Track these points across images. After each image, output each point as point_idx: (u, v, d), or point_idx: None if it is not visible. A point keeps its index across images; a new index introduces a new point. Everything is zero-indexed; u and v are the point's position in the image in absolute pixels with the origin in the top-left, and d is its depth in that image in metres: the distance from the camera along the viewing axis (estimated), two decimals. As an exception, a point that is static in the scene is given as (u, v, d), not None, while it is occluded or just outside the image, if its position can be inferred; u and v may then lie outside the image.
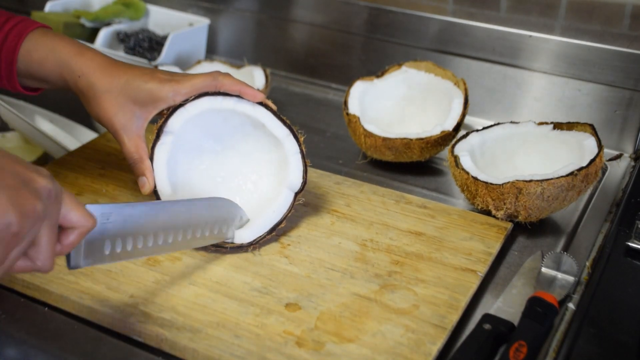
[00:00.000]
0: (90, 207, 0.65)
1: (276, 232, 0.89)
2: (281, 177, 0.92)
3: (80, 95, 0.89)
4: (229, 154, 0.96)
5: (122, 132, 0.87)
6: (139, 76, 0.87)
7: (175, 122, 0.89)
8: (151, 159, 0.89)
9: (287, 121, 0.91)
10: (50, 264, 0.61)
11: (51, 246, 0.60)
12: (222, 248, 0.87)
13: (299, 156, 0.90)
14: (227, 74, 0.90)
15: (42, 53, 0.88)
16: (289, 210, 0.89)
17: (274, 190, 0.92)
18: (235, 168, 0.96)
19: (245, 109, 0.90)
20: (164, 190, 0.89)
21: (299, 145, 0.90)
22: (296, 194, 0.90)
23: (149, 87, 0.86)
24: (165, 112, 0.89)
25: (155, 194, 0.89)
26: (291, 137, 0.90)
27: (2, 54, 0.88)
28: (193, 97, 0.89)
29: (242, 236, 0.87)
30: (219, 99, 0.90)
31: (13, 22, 0.89)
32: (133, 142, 0.87)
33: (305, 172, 0.90)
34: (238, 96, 0.90)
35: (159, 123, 0.89)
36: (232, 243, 0.87)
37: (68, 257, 0.65)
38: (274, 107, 0.91)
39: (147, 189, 0.88)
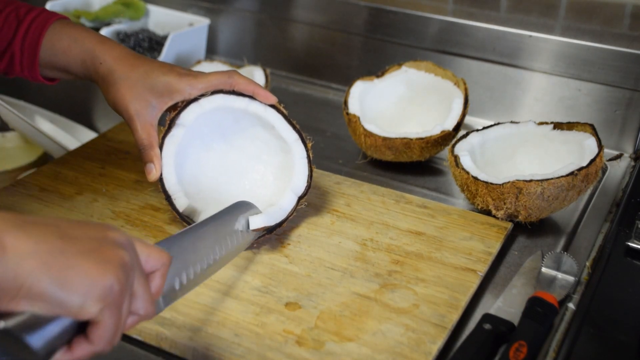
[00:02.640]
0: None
1: (276, 232, 0.89)
2: (285, 181, 0.93)
3: (100, 81, 0.90)
4: (236, 153, 0.97)
5: (135, 118, 0.88)
6: (158, 68, 0.89)
7: (188, 115, 0.90)
8: (160, 148, 0.89)
9: (297, 126, 0.92)
10: (153, 309, 0.59)
11: (148, 292, 0.58)
12: None
13: (306, 161, 0.91)
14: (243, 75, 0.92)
15: (65, 42, 0.90)
16: (291, 213, 0.90)
17: (278, 193, 0.93)
18: (241, 168, 0.96)
19: (257, 110, 0.92)
20: (170, 179, 0.89)
21: (307, 150, 0.92)
22: (299, 197, 0.90)
23: (167, 79, 0.88)
24: (179, 105, 0.90)
25: (160, 182, 0.89)
26: (300, 141, 0.91)
27: (26, 43, 0.90)
28: (208, 93, 0.90)
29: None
30: (232, 97, 0.91)
31: (34, 13, 0.91)
32: (145, 129, 0.88)
33: (310, 177, 0.91)
34: (251, 97, 0.91)
35: (171, 114, 0.90)
36: None
37: None
38: (284, 111, 0.92)
39: (153, 175, 0.89)
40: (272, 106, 0.92)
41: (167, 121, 0.90)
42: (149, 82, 0.88)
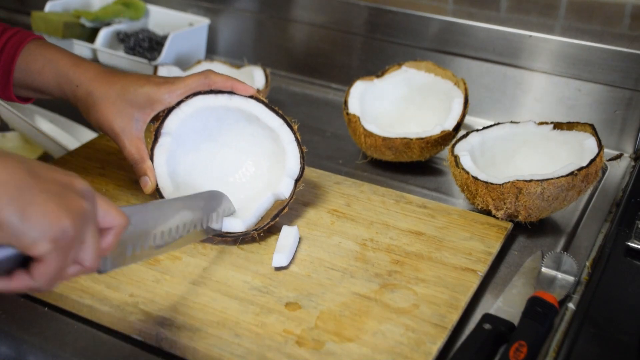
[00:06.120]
0: None
1: (280, 219, 0.89)
2: (280, 167, 0.93)
3: (79, 104, 0.91)
4: (226, 150, 0.97)
5: (122, 135, 0.89)
6: (135, 81, 0.89)
7: (171, 123, 0.91)
8: (151, 160, 0.90)
9: (280, 111, 0.93)
10: (97, 263, 0.60)
11: (97, 245, 0.59)
12: (228, 237, 0.87)
13: (295, 144, 0.92)
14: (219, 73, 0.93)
15: (39, 64, 0.90)
16: (291, 197, 0.90)
17: (274, 181, 0.93)
18: (234, 163, 0.97)
19: (239, 104, 0.92)
20: (166, 188, 0.90)
21: (294, 133, 0.92)
22: (296, 180, 0.91)
23: (145, 90, 0.89)
24: (161, 114, 0.91)
25: (157, 192, 0.90)
26: (285, 126, 0.92)
27: (0, 63, 0.90)
28: (186, 97, 0.91)
29: (248, 223, 0.88)
30: (212, 96, 0.92)
31: (10, 33, 0.91)
32: (133, 144, 0.89)
33: (302, 158, 0.92)
34: (230, 92, 0.92)
35: (155, 125, 0.91)
36: (237, 232, 0.87)
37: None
38: (264, 99, 0.93)
39: (149, 188, 0.90)
40: (252, 97, 0.92)
41: (153, 132, 0.91)
42: (128, 97, 0.88)
